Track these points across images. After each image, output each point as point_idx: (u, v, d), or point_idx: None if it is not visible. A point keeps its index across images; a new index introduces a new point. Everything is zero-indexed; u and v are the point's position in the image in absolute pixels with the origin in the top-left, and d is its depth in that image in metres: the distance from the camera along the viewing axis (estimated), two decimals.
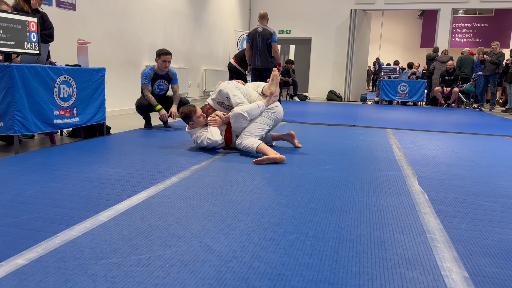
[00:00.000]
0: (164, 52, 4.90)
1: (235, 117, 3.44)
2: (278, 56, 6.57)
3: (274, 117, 3.61)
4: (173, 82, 5.18)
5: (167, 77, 5.12)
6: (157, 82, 5.06)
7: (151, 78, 5.00)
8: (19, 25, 3.44)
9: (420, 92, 10.63)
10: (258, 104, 3.53)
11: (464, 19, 20.11)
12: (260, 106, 3.54)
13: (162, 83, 5.07)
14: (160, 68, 4.94)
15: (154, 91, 5.11)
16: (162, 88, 5.11)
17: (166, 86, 5.15)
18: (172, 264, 1.49)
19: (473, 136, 5.22)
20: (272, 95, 3.60)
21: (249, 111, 3.47)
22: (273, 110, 3.61)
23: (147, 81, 4.94)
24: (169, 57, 4.95)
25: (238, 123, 3.48)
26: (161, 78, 5.06)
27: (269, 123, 3.60)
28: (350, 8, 11.85)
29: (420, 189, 2.61)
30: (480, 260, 1.60)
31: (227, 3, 11.08)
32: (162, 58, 4.90)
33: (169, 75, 5.14)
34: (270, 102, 3.62)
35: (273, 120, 3.62)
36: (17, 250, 1.57)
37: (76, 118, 4.02)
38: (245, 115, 3.45)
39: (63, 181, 2.56)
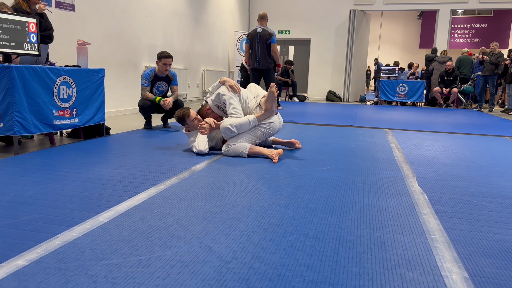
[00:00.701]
0: (165, 55, 4.89)
1: (224, 129, 3.42)
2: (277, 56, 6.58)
3: (267, 132, 3.53)
4: (172, 83, 5.18)
5: (167, 79, 5.12)
6: (157, 84, 5.06)
7: (151, 80, 5.00)
8: (19, 26, 3.44)
9: (419, 93, 10.65)
10: (249, 120, 3.43)
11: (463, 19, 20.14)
12: (252, 122, 3.45)
13: (162, 85, 5.08)
14: (161, 70, 4.94)
15: (153, 93, 5.10)
16: (162, 90, 5.12)
17: (166, 87, 5.15)
18: (173, 265, 1.49)
19: (472, 136, 5.22)
20: (267, 111, 3.48)
21: (238, 126, 3.40)
22: (269, 126, 3.51)
23: (147, 83, 4.94)
24: (170, 60, 4.94)
25: (226, 135, 3.47)
26: (161, 80, 5.06)
27: (259, 136, 3.53)
28: (349, 8, 11.86)
29: (419, 190, 2.62)
30: (480, 260, 1.61)
31: (227, 4, 11.09)
32: (163, 61, 4.89)
33: (169, 76, 5.14)
34: (263, 117, 3.49)
35: (265, 134, 3.55)
36: (17, 251, 1.57)
37: (76, 118, 4.02)
38: (233, 130, 3.40)
39: (63, 182, 2.56)
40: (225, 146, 3.49)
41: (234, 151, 3.46)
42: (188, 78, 8.98)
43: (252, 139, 3.51)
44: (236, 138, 3.48)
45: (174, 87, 5.20)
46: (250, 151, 3.45)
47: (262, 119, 3.50)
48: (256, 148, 3.47)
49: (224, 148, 3.50)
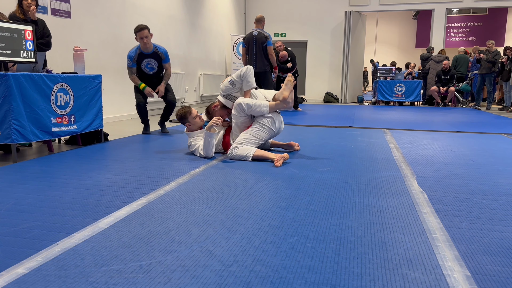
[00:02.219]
0: (138, 28, 4.62)
1: (236, 105, 3.47)
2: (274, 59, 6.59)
3: (269, 131, 3.54)
4: (164, 61, 4.92)
5: (156, 56, 4.83)
6: (145, 62, 4.81)
7: (136, 59, 4.78)
8: (15, 33, 3.44)
9: (417, 92, 10.67)
10: (262, 103, 3.46)
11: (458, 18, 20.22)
12: (264, 106, 3.45)
13: (151, 62, 4.82)
14: (142, 46, 4.71)
15: (144, 71, 4.87)
16: (152, 67, 4.88)
17: (157, 65, 4.89)
18: (173, 269, 1.49)
19: (470, 134, 5.23)
20: (284, 100, 3.45)
21: (250, 104, 3.43)
22: (270, 123, 3.51)
23: (130, 63, 4.77)
24: (145, 32, 4.64)
25: (236, 112, 3.50)
26: (149, 57, 4.79)
27: (263, 136, 3.53)
28: (344, 10, 11.90)
29: (419, 189, 2.61)
30: (481, 258, 1.60)
31: (222, 8, 11.11)
32: (138, 35, 4.65)
33: (159, 54, 4.86)
34: (278, 107, 3.50)
35: (268, 134, 3.55)
36: (17, 259, 1.56)
37: (74, 125, 4.01)
38: (244, 107, 3.43)
39: (62, 189, 2.55)
40: (230, 150, 3.49)
41: (239, 154, 3.44)
42: (186, 82, 8.98)
43: (254, 140, 3.50)
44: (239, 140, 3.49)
45: (165, 65, 4.95)
46: (255, 154, 3.42)
47: (276, 108, 3.52)
48: (261, 152, 3.44)
49: (230, 152, 3.49)
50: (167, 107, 5.10)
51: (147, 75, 4.94)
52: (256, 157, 3.44)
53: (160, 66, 4.94)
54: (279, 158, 3.30)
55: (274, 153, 3.43)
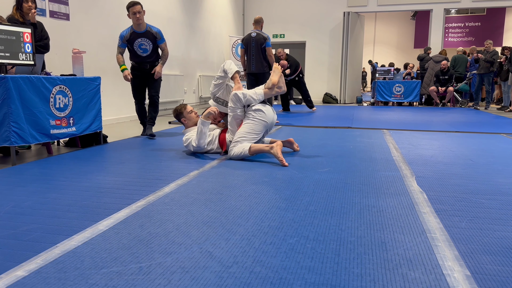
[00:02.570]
0: (130, 4, 4.46)
1: (232, 97, 3.54)
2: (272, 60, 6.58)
3: (263, 122, 3.54)
4: (158, 42, 4.70)
5: (150, 36, 4.62)
6: (138, 42, 4.58)
7: (128, 39, 4.58)
8: (13, 36, 3.44)
9: (415, 93, 10.68)
10: (257, 91, 3.55)
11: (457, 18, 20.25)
12: (258, 93, 3.54)
13: (144, 42, 4.60)
14: (134, 23, 4.52)
15: (137, 52, 4.67)
16: (145, 48, 4.65)
17: (150, 45, 4.66)
18: (173, 271, 1.48)
19: (469, 134, 5.24)
20: (274, 85, 3.55)
21: (245, 93, 3.51)
22: (261, 114, 3.54)
23: (120, 42, 4.61)
24: (138, 7, 4.45)
25: (232, 103, 3.56)
26: (142, 36, 4.58)
27: (257, 129, 3.54)
28: (343, 10, 11.91)
29: (418, 189, 2.62)
30: (481, 258, 1.61)
31: (221, 9, 11.12)
32: (130, 11, 4.45)
33: (153, 33, 4.65)
34: (272, 92, 3.58)
35: (262, 126, 3.55)
36: (16, 262, 1.56)
37: (73, 127, 4.01)
38: (240, 96, 3.50)
39: (61, 191, 2.55)
40: (229, 150, 3.56)
41: (236, 154, 3.48)
42: (185, 84, 8.98)
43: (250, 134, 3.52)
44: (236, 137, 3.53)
45: (161, 46, 4.73)
46: (252, 150, 3.46)
47: (270, 94, 3.59)
48: (256, 146, 3.49)
49: (229, 152, 3.56)
50: (150, 105, 4.91)
51: (140, 58, 4.71)
52: (253, 153, 3.48)
53: (154, 50, 4.73)
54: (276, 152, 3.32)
55: (267, 145, 3.46)
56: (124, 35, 4.59)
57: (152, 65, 4.80)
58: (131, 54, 4.75)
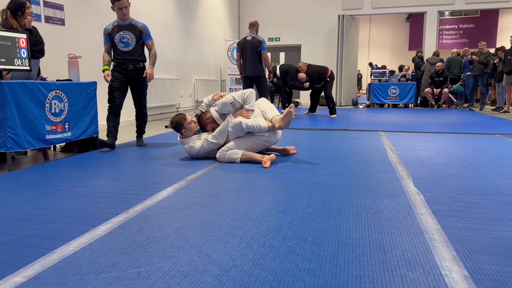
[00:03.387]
0: None
1: (235, 124, 3.46)
2: (268, 63, 6.60)
3: (263, 144, 3.58)
4: (145, 38, 4.34)
5: (134, 30, 4.25)
6: (120, 35, 4.20)
7: (111, 32, 4.23)
8: (9, 41, 3.43)
9: (411, 94, 10.73)
10: (260, 124, 3.47)
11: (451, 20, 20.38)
12: (262, 128, 3.48)
13: (127, 36, 4.22)
14: (118, 17, 4.22)
15: (117, 46, 4.26)
16: (127, 42, 4.25)
17: (133, 39, 4.26)
18: (172, 275, 1.48)
19: (465, 135, 5.26)
20: (280, 128, 3.50)
21: (249, 126, 3.45)
22: (267, 139, 3.55)
23: (104, 38, 4.29)
24: (124, 2, 4.15)
25: (234, 130, 3.49)
26: (125, 29, 4.23)
27: (254, 147, 3.56)
28: (338, 13, 11.96)
29: (415, 190, 2.63)
30: (478, 258, 1.61)
31: (216, 13, 11.14)
32: (116, 5, 4.15)
33: (138, 28, 4.28)
34: (274, 129, 3.55)
35: (260, 145, 3.58)
36: (14, 268, 1.55)
37: (68, 132, 4.00)
38: (243, 127, 3.45)
39: (58, 197, 2.54)
40: (219, 153, 3.52)
41: (228, 157, 3.50)
42: (181, 88, 8.98)
43: (247, 148, 3.54)
44: (231, 144, 3.51)
45: (148, 43, 4.35)
46: (243, 157, 3.48)
47: (272, 130, 3.56)
48: (249, 154, 3.50)
49: (218, 154, 3.54)
50: (138, 117, 4.59)
51: (121, 55, 4.29)
52: (243, 159, 3.49)
53: (138, 47, 4.34)
54: (266, 160, 3.37)
55: (261, 155, 3.48)
56: (107, 29, 4.29)
57: (136, 66, 4.36)
58: (113, 51, 4.37)
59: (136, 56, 4.34)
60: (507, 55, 8.68)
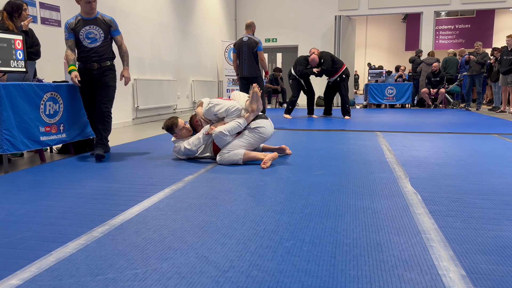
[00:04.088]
0: None
1: (217, 136, 3.44)
2: (264, 64, 6.60)
3: (260, 137, 3.56)
4: (113, 33, 3.92)
5: (101, 24, 3.83)
6: (85, 30, 3.77)
7: (74, 27, 3.79)
8: (5, 43, 3.41)
9: (407, 95, 10.75)
10: (239, 122, 3.48)
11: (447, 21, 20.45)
12: (242, 123, 3.49)
13: (94, 31, 3.81)
14: (83, 10, 3.80)
15: (83, 43, 3.82)
16: (94, 38, 3.82)
17: (101, 36, 3.85)
18: (170, 277, 1.48)
19: (462, 135, 5.28)
20: (253, 111, 3.52)
21: (229, 129, 3.43)
22: (261, 130, 3.53)
23: (66, 34, 3.81)
24: None
25: (221, 141, 3.48)
26: (91, 23, 3.79)
27: (253, 143, 3.56)
28: (334, 14, 11.98)
29: (413, 190, 2.63)
30: (476, 257, 1.62)
31: (213, 14, 11.14)
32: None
33: (105, 21, 3.86)
34: (251, 117, 3.54)
35: (258, 140, 3.57)
36: (10, 271, 1.55)
37: (63, 134, 3.98)
38: (226, 133, 3.43)
39: (55, 199, 2.53)
40: (219, 156, 3.50)
41: (229, 159, 3.46)
42: (178, 89, 8.97)
43: (246, 147, 3.52)
44: (231, 145, 3.49)
45: (117, 39, 3.94)
46: (245, 157, 3.46)
47: (250, 119, 3.54)
48: (251, 154, 3.49)
49: (219, 158, 3.50)
50: (98, 121, 3.94)
51: (86, 53, 3.86)
52: (246, 160, 3.48)
53: (106, 44, 3.92)
54: (267, 160, 3.37)
55: (263, 154, 3.47)
56: (69, 24, 3.80)
57: (102, 65, 3.91)
58: (78, 49, 3.91)
59: (103, 54, 3.91)
60: (503, 55, 8.71)
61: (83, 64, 3.90)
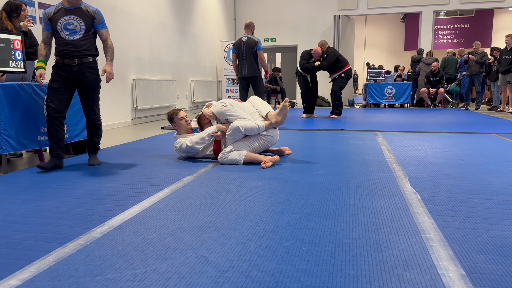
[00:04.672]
0: None
1: (233, 129, 3.42)
2: (264, 63, 6.60)
3: (264, 144, 3.58)
4: (98, 26, 3.45)
5: (83, 14, 3.37)
6: (65, 20, 3.32)
7: (53, 16, 3.33)
8: (3, 43, 3.41)
9: (407, 94, 10.76)
10: (258, 125, 3.47)
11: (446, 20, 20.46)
12: (260, 128, 3.48)
13: (74, 21, 3.33)
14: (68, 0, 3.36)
15: (61, 34, 3.35)
16: (73, 29, 3.34)
17: (82, 27, 3.36)
18: (169, 277, 1.47)
19: (461, 135, 5.28)
20: (276, 123, 3.51)
21: (247, 128, 3.42)
22: (268, 138, 3.55)
23: (43, 25, 3.39)
24: None
25: (233, 135, 3.47)
26: (71, 13, 3.34)
27: (257, 148, 3.56)
28: (333, 14, 11.98)
29: (412, 190, 2.63)
30: (475, 257, 1.62)
31: (212, 14, 11.13)
32: None
33: (88, 12, 3.40)
34: (270, 127, 3.55)
35: (263, 146, 3.58)
36: (9, 271, 1.54)
37: (66, 134, 3.97)
38: (242, 130, 3.42)
39: (54, 199, 2.53)
40: (221, 154, 3.50)
41: (231, 158, 3.46)
42: (177, 89, 8.97)
43: (249, 150, 3.52)
44: (233, 146, 3.49)
45: (102, 32, 3.47)
46: (246, 158, 3.46)
47: (269, 128, 3.56)
48: (252, 155, 3.48)
49: (221, 156, 3.50)
50: (89, 128, 3.66)
51: (65, 46, 3.37)
52: (247, 161, 3.48)
53: (88, 37, 3.44)
54: (267, 160, 3.37)
55: (264, 156, 3.47)
56: (48, 12, 3.36)
57: (83, 61, 3.43)
58: (56, 42, 3.43)
59: (83, 48, 3.41)
60: (502, 54, 8.72)
61: (61, 59, 3.41)
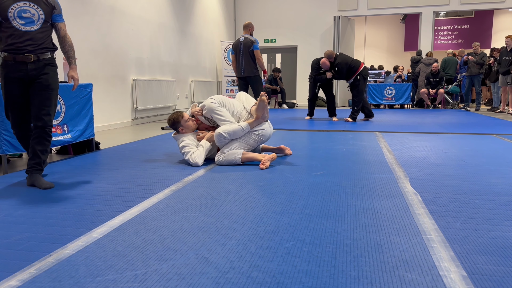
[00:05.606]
0: None
1: (217, 136, 3.43)
2: (261, 62, 6.58)
3: (259, 139, 3.56)
4: (56, 18, 2.94)
5: (41, 2, 2.81)
6: (18, 7, 2.72)
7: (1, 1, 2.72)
8: None
9: (406, 95, 10.76)
10: (242, 126, 3.46)
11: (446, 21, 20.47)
12: (245, 128, 3.47)
13: (30, 8, 2.75)
14: None
15: (13, 24, 2.73)
16: (30, 18, 2.76)
17: (41, 17, 2.81)
18: (169, 278, 1.47)
19: (461, 135, 5.28)
20: (257, 119, 3.52)
21: (230, 133, 3.42)
22: (260, 133, 3.53)
23: None
24: None
25: (219, 142, 3.47)
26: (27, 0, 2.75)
27: (252, 144, 3.55)
28: (333, 15, 11.99)
29: (412, 191, 2.63)
30: (476, 258, 1.61)
31: (212, 14, 11.13)
32: None
33: (48, 0, 2.86)
34: (255, 124, 3.53)
35: (257, 142, 3.57)
36: (10, 272, 1.54)
37: (68, 135, 3.98)
38: (225, 136, 3.42)
39: (54, 199, 2.52)
40: (217, 156, 3.50)
41: (227, 159, 3.46)
42: (177, 89, 8.97)
43: (244, 147, 3.51)
44: (229, 146, 3.48)
45: (61, 26, 2.98)
46: (243, 157, 3.45)
47: (254, 125, 3.53)
48: (249, 154, 3.48)
49: (217, 157, 3.50)
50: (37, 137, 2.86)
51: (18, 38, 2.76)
52: (244, 160, 3.47)
53: (47, 28, 2.89)
54: (265, 160, 3.37)
55: (262, 154, 3.47)
56: None
57: (41, 58, 2.86)
58: (5, 33, 2.78)
59: (41, 42, 2.85)
60: (502, 55, 8.72)
61: (13, 55, 2.78)
